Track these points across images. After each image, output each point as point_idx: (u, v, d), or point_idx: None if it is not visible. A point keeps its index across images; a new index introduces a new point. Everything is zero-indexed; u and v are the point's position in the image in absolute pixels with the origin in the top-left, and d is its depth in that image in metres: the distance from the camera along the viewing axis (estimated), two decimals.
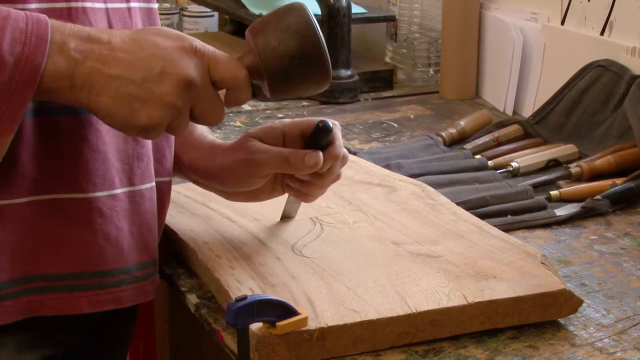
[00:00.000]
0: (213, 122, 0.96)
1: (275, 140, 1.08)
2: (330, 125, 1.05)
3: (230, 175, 1.08)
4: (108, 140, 0.99)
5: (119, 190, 1.00)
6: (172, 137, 1.10)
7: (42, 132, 0.95)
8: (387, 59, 2.14)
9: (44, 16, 0.88)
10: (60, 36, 0.88)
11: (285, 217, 1.18)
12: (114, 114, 0.90)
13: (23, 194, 0.94)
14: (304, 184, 1.08)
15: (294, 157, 1.04)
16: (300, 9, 0.96)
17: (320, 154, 1.04)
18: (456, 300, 0.97)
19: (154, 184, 1.05)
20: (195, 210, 1.21)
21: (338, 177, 1.10)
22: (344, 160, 1.08)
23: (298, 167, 1.04)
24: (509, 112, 1.83)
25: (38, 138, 0.95)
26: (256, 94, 1.91)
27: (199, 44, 0.93)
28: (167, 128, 0.93)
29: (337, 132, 1.07)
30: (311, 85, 0.98)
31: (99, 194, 0.98)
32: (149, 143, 1.05)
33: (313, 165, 1.04)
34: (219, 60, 0.93)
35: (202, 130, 1.15)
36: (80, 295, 0.99)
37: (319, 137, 1.05)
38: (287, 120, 1.10)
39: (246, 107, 1.86)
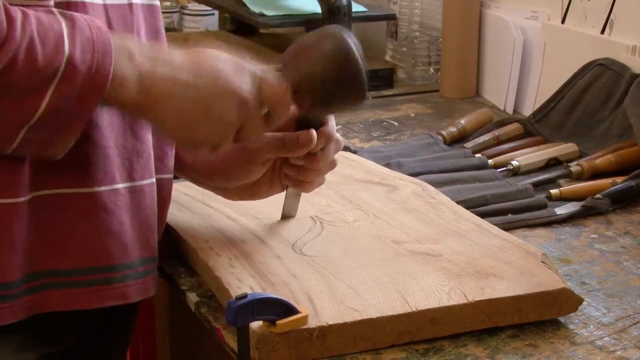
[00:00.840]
0: (255, 141, 0.98)
1: None
2: None
3: (229, 166, 1.08)
4: (108, 135, 0.99)
5: (120, 185, 1.01)
6: None
7: None
8: (388, 58, 2.14)
9: (102, 24, 0.91)
10: (123, 42, 0.91)
11: (286, 215, 1.18)
12: (172, 127, 0.93)
13: (28, 191, 0.94)
14: (301, 170, 1.08)
15: (288, 138, 1.05)
16: (339, 37, 0.98)
17: (313, 131, 1.05)
18: (456, 299, 0.97)
19: (154, 180, 1.05)
20: (196, 208, 1.21)
21: (333, 163, 1.10)
22: (338, 144, 1.09)
23: (293, 147, 1.05)
24: (510, 110, 1.83)
25: None
26: None
27: (248, 63, 0.95)
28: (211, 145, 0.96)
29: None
30: (348, 106, 1.03)
31: (102, 188, 0.99)
32: (149, 139, 1.05)
33: (307, 142, 1.04)
34: (265, 80, 0.95)
35: None
36: (86, 290, 0.99)
37: (310, 116, 1.06)
38: None
39: None
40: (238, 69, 0.94)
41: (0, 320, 0.94)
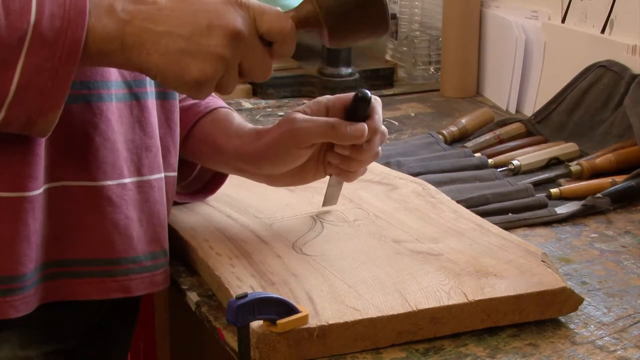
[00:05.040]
0: (261, 76, 0.96)
1: (319, 113, 1.09)
2: (369, 94, 1.07)
3: (278, 152, 1.07)
4: (117, 129, 1.00)
5: (127, 180, 1.01)
6: (177, 134, 1.10)
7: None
8: (388, 57, 2.14)
9: None
10: None
11: (327, 203, 1.19)
12: (166, 71, 0.90)
13: (40, 185, 0.95)
14: (345, 160, 1.09)
15: (339, 126, 1.05)
16: None
17: (365, 125, 1.05)
18: (457, 298, 0.97)
19: (162, 175, 1.06)
20: (196, 207, 1.21)
21: (377, 154, 1.11)
22: (383, 137, 1.09)
23: (343, 135, 1.05)
24: (512, 110, 1.83)
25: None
26: (257, 92, 1.92)
27: None
28: (217, 86, 0.93)
29: (378, 106, 1.09)
30: (369, 31, 0.99)
31: (109, 182, 0.99)
32: (156, 134, 1.05)
33: (358, 135, 1.05)
34: (265, 12, 0.94)
35: (240, 120, 1.15)
36: (89, 281, 1.00)
37: (358, 107, 1.07)
38: (330, 96, 1.11)
39: (247, 104, 1.86)
40: (227, 2, 0.92)
41: (14, 313, 0.94)
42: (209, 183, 1.22)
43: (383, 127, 1.09)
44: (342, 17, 0.97)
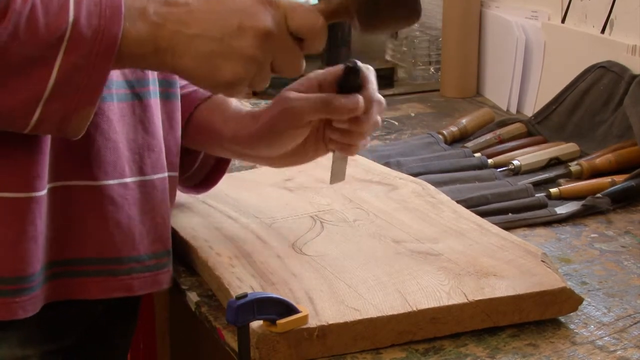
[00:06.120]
0: (293, 72, 0.96)
1: (311, 89, 1.07)
2: (358, 64, 1.05)
3: (274, 133, 1.06)
4: (119, 129, 1.00)
5: (129, 179, 1.01)
6: (179, 133, 1.10)
7: None
8: (388, 57, 2.14)
9: None
10: (140, 2, 0.89)
11: (334, 179, 1.14)
12: (198, 73, 0.91)
13: (45, 185, 0.95)
14: (345, 134, 1.07)
15: (333, 100, 1.03)
16: None
17: (359, 97, 1.03)
18: (456, 298, 0.97)
19: (166, 174, 1.06)
20: (196, 207, 1.21)
21: (377, 123, 1.08)
22: (380, 105, 1.07)
23: (338, 109, 1.03)
24: (513, 110, 1.84)
25: None
26: (256, 92, 1.92)
27: None
28: (250, 84, 0.93)
29: (371, 75, 1.06)
30: (401, 17, 0.98)
31: (110, 182, 0.99)
32: (160, 134, 1.05)
33: (354, 107, 1.03)
34: (295, 9, 0.94)
35: (237, 104, 1.14)
36: (92, 280, 1.00)
37: (349, 79, 1.05)
38: (320, 70, 1.10)
39: (247, 105, 1.86)
40: (257, 2, 0.92)
41: (23, 313, 0.95)
42: (211, 173, 1.21)
43: (378, 95, 1.06)
44: (372, 5, 0.96)
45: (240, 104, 1.15)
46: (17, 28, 0.84)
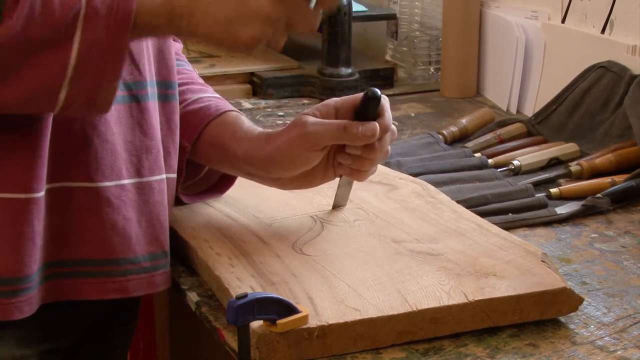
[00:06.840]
0: (309, 27, 0.97)
1: (328, 115, 1.08)
2: (379, 93, 1.07)
3: (288, 155, 1.07)
4: (116, 131, 1.00)
5: (126, 181, 1.01)
6: (177, 135, 1.10)
7: (55, 122, 0.96)
8: (388, 57, 2.14)
9: None
10: None
11: (337, 204, 1.19)
12: (217, 37, 0.92)
13: (43, 186, 0.95)
14: (356, 160, 1.08)
15: (350, 127, 1.05)
16: None
17: (376, 124, 1.05)
18: (456, 298, 0.97)
19: (164, 176, 1.06)
20: (196, 208, 1.21)
21: (387, 153, 1.10)
22: (393, 135, 1.09)
23: (355, 136, 1.05)
24: (513, 110, 1.83)
25: (52, 129, 0.96)
26: (256, 92, 1.92)
27: None
28: (267, 43, 0.94)
29: (387, 104, 1.09)
30: None
31: (107, 183, 0.99)
32: (158, 136, 1.05)
33: (371, 134, 1.05)
34: None
35: (250, 124, 1.14)
36: (87, 281, 1.00)
37: (368, 106, 1.07)
38: (338, 98, 1.11)
39: (247, 105, 1.86)
40: None
41: (18, 314, 0.95)
42: (218, 183, 1.21)
43: (393, 126, 1.09)
44: None
45: (252, 124, 1.14)
46: (33, 10, 0.85)
